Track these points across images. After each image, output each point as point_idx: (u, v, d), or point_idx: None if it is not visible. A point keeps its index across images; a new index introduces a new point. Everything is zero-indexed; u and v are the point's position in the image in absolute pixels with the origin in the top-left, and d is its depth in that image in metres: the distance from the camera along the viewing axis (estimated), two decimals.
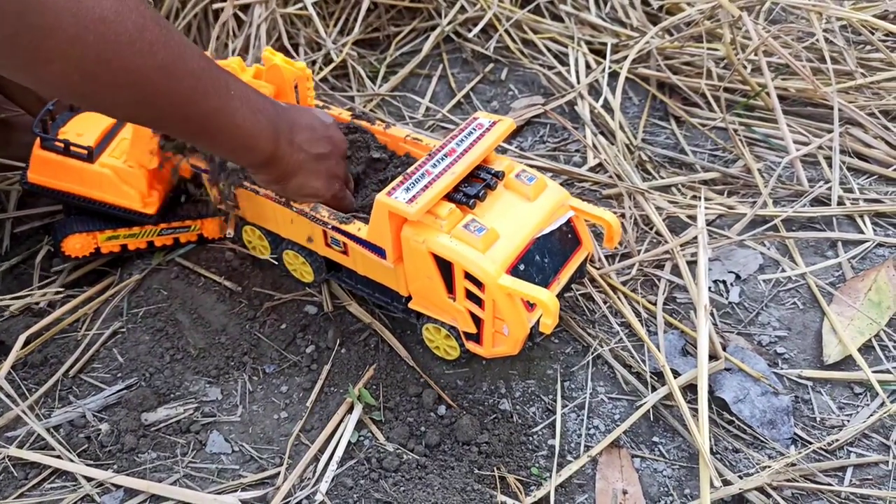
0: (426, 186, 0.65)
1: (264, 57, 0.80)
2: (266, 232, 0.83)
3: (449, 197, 0.68)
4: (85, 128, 0.83)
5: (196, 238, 0.89)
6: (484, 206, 0.69)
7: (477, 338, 0.71)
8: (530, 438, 0.71)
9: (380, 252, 0.69)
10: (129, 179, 0.81)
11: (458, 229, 0.66)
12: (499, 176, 0.71)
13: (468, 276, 0.65)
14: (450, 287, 0.68)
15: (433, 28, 1.29)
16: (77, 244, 0.83)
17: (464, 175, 0.68)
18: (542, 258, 0.70)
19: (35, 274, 0.87)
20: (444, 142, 0.71)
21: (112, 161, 0.81)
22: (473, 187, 0.69)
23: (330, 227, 0.72)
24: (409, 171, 0.68)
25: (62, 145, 0.80)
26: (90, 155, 0.80)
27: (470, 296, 0.67)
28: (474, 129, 0.73)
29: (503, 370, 0.76)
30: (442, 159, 0.69)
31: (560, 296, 0.70)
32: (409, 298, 0.74)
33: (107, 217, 0.84)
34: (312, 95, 0.84)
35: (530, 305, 0.68)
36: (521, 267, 0.68)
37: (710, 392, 0.72)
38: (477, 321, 0.69)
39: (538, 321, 0.67)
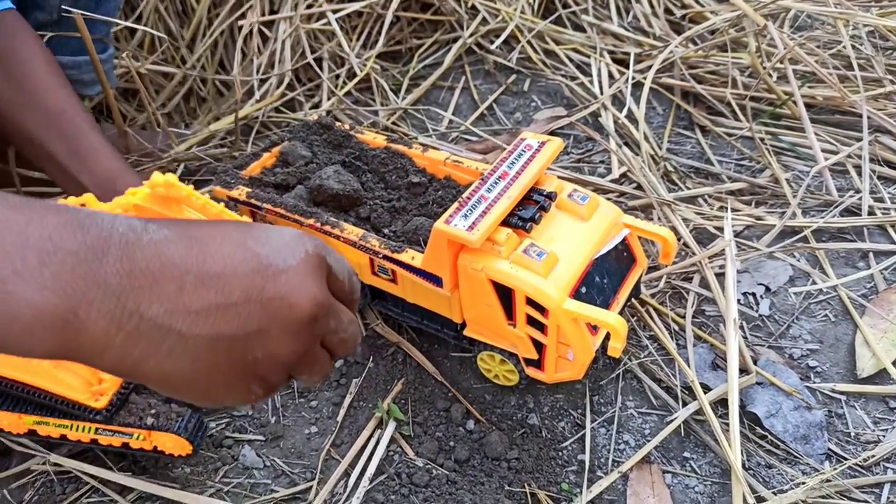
0: (484, 212, 0.63)
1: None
2: None
3: (504, 221, 0.65)
4: None
5: (152, 449, 0.67)
6: (539, 228, 0.67)
7: (538, 364, 0.69)
8: (560, 454, 0.71)
9: (436, 280, 0.67)
10: (70, 364, 0.62)
11: (517, 254, 0.63)
12: (552, 197, 0.69)
13: (530, 302, 0.64)
14: (509, 313, 0.66)
15: (455, 40, 1.29)
16: (4, 420, 0.66)
17: (519, 198, 0.66)
18: (601, 279, 0.69)
19: None
20: (495, 165, 0.69)
21: None
22: (528, 210, 0.66)
23: (381, 256, 0.70)
24: (464, 196, 0.65)
25: None
26: None
27: (531, 321, 0.65)
28: (524, 150, 0.70)
29: (531, 384, 0.76)
30: (496, 183, 0.66)
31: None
32: (462, 325, 0.72)
33: (37, 403, 0.66)
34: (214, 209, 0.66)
35: (593, 328, 0.66)
36: (583, 289, 0.66)
37: (742, 407, 0.72)
38: (538, 347, 0.67)
39: (602, 344, 0.67)
